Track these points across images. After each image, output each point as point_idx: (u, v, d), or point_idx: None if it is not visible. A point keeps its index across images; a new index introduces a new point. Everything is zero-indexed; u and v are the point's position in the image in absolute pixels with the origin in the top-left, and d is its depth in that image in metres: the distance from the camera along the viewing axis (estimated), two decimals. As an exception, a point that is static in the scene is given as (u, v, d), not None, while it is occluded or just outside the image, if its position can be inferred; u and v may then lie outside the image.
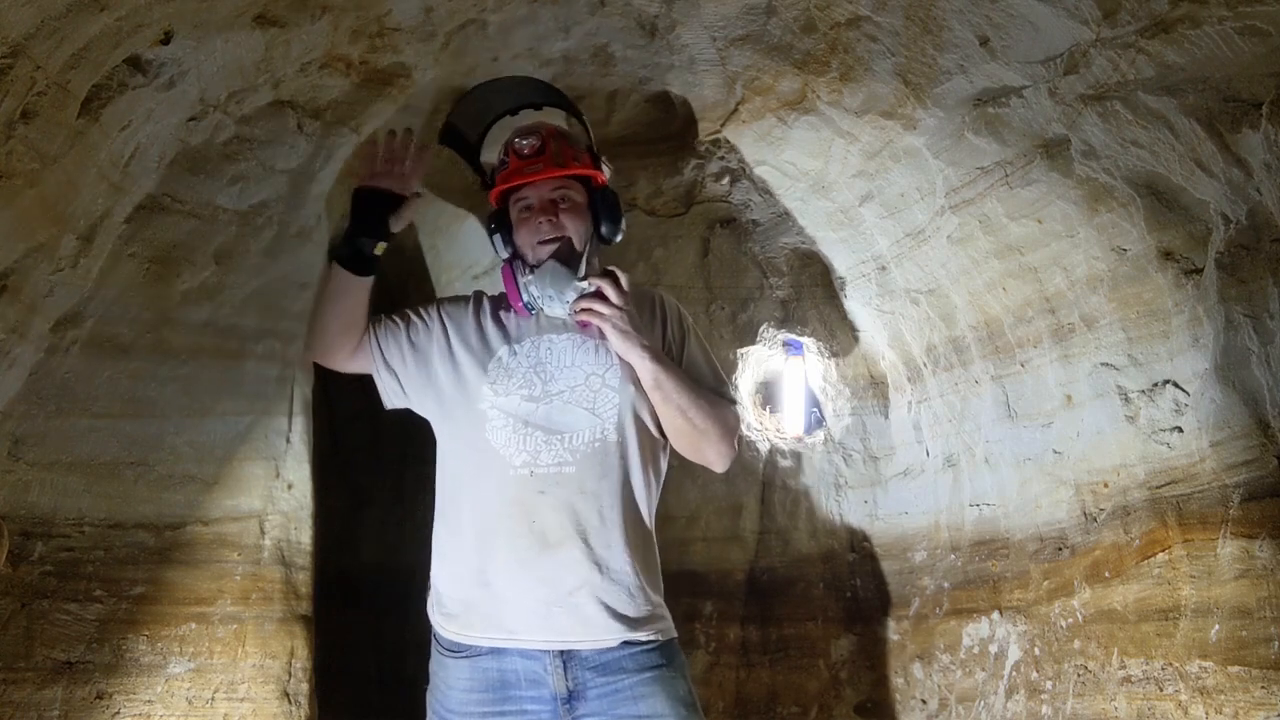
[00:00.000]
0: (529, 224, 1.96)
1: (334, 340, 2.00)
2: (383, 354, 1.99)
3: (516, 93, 2.13)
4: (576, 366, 1.92)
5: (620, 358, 1.88)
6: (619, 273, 1.89)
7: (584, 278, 1.88)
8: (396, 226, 1.96)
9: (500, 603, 1.83)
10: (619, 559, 1.84)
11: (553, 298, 1.88)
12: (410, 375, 1.99)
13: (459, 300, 2.08)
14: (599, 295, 1.85)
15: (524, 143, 1.96)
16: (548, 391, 1.90)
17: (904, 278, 3.83)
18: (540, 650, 1.81)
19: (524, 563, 1.82)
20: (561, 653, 1.80)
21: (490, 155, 2.10)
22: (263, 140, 3.17)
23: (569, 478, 1.84)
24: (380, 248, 1.95)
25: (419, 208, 2.01)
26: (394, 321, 2.02)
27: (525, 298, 1.93)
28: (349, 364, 2.03)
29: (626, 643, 1.82)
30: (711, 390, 1.96)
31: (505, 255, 2.01)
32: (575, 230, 1.96)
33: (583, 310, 1.85)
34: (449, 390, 1.96)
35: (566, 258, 1.92)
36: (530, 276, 1.91)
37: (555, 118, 2.13)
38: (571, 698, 1.79)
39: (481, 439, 1.88)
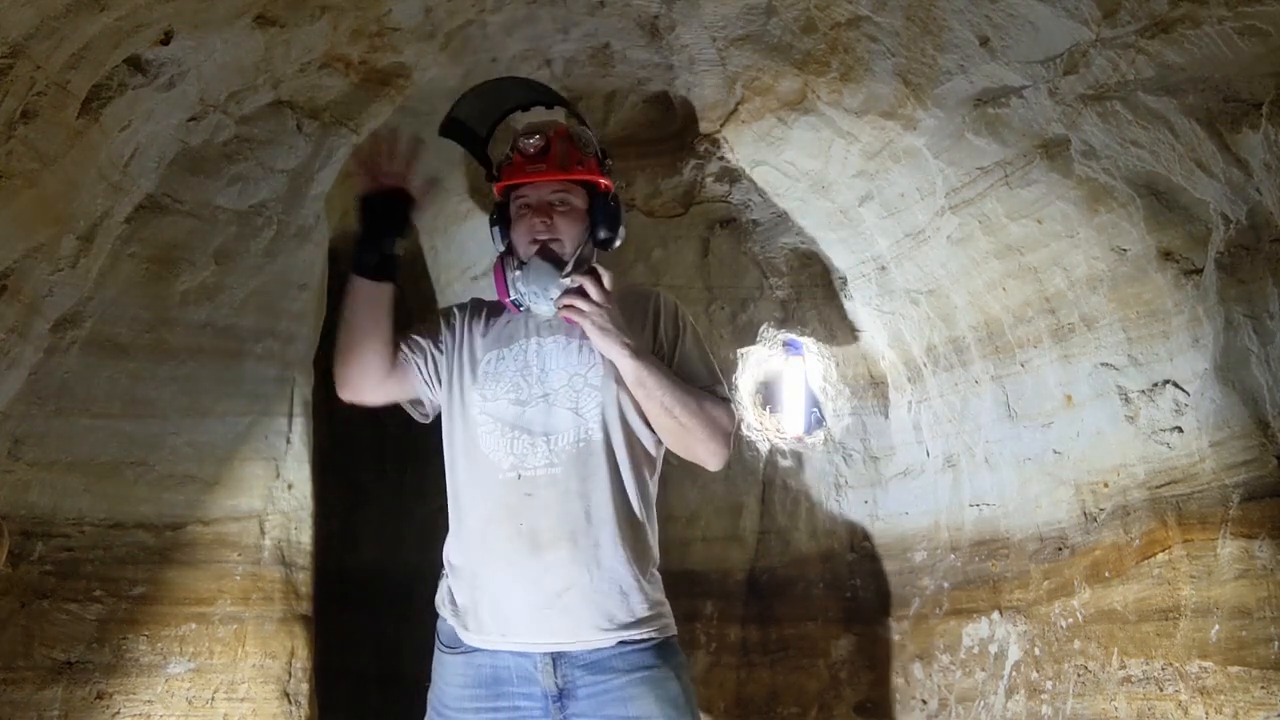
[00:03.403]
0: (524, 222, 1.98)
1: (368, 364, 1.95)
2: (423, 375, 2.00)
3: (527, 91, 2.14)
4: (561, 369, 1.94)
5: (603, 356, 1.89)
6: (601, 270, 1.91)
7: (569, 275, 1.89)
8: (415, 221, 1.97)
9: (494, 605, 1.85)
10: (610, 559, 1.85)
11: (538, 294, 1.90)
12: (438, 389, 2.01)
13: (459, 309, 2.09)
14: (580, 292, 1.86)
15: (529, 141, 1.97)
16: (534, 394, 1.92)
17: (904, 278, 3.83)
18: (531, 650, 1.82)
19: (514, 565, 1.84)
20: (552, 653, 1.81)
21: (498, 149, 2.11)
22: (262, 140, 3.17)
23: (555, 479, 1.85)
24: (401, 245, 1.95)
25: (432, 195, 2.00)
26: (419, 342, 2.02)
27: (512, 294, 1.94)
28: (379, 390, 2.00)
29: (621, 642, 1.83)
30: (704, 388, 1.95)
31: (501, 248, 2.03)
32: (569, 234, 1.97)
33: (564, 307, 1.87)
34: (449, 398, 1.99)
35: (553, 255, 1.93)
36: (518, 273, 1.93)
37: (563, 118, 2.13)
38: (562, 696, 1.80)
39: (473, 444, 1.91)
